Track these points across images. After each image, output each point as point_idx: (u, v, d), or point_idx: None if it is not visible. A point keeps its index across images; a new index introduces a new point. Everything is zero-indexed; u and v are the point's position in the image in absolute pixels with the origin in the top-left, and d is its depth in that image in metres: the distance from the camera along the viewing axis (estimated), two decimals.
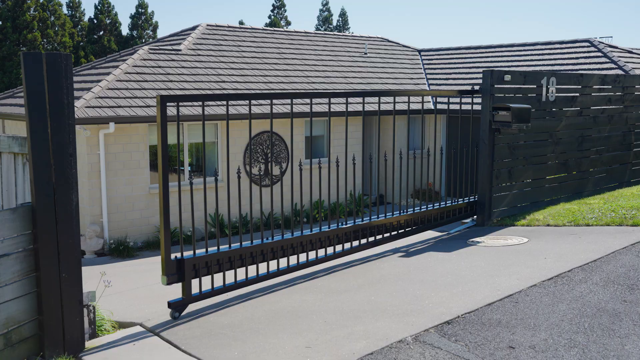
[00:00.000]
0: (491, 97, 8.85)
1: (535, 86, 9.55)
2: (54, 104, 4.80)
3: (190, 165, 15.82)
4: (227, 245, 6.27)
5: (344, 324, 5.10)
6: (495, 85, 8.90)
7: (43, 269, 4.82)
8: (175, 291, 7.44)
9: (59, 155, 4.86)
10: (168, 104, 5.69)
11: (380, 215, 7.78)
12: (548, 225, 8.55)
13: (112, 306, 6.68)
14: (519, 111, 8.56)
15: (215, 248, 6.21)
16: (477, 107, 8.96)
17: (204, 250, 6.19)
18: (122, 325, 5.93)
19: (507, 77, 8.99)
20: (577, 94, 10.32)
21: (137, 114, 13.91)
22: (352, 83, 19.68)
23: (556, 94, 9.85)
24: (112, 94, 14.46)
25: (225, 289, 6.14)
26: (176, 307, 5.80)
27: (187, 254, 6.02)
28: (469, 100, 14.23)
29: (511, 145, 9.28)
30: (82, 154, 13.79)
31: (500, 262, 6.74)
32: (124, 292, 7.78)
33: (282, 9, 56.30)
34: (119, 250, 13.75)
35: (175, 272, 5.82)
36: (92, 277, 8.82)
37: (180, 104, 14.80)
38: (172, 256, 5.85)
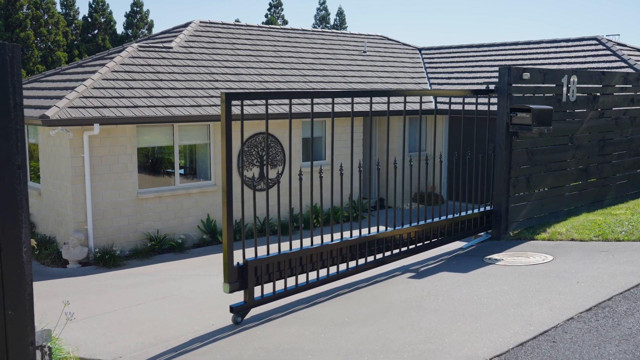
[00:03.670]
0: (508, 97, 8.01)
1: (554, 85, 8.71)
2: None
3: (183, 167, 14.95)
4: (288, 248, 6.14)
5: None
6: (513, 84, 8.06)
7: None
8: (158, 316, 6.60)
9: (4, 168, 4.00)
10: (233, 102, 5.26)
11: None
12: (572, 239, 7.70)
13: (82, 336, 5.84)
14: (540, 113, 7.72)
15: (276, 250, 6.06)
16: (485, 108, 8.11)
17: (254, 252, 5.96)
18: None
19: (526, 75, 8.14)
20: (598, 94, 9.49)
21: (124, 114, 13.05)
22: (351, 82, 18.84)
23: (577, 94, 9.02)
24: (97, 94, 13.59)
25: (287, 292, 5.98)
26: (238, 311, 5.54)
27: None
28: (481, 100, 13.36)
29: (529, 150, 8.43)
30: (65, 157, 12.95)
31: (526, 286, 5.89)
32: (99, 315, 6.92)
33: (279, 8, 55.44)
34: (105, 259, 12.89)
35: (237, 279, 5.57)
36: (69, 294, 7.96)
37: (172, 102, 14.01)
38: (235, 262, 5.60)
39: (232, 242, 5.48)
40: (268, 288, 5.91)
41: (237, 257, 5.92)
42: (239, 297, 5.96)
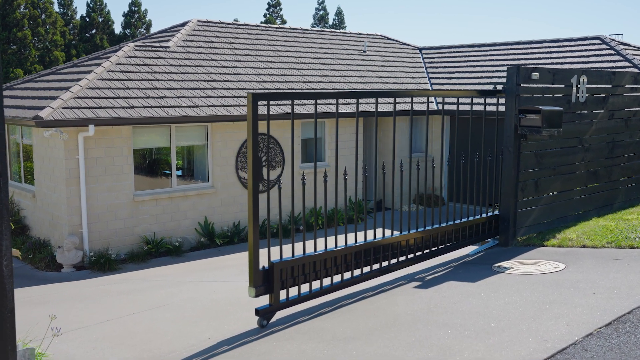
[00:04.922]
0: (517, 97, 7.71)
1: (563, 86, 8.42)
2: None
3: (181, 169, 14.65)
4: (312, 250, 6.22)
5: None
6: (522, 85, 7.76)
7: None
8: (152, 328, 6.31)
9: None
10: (259, 102, 5.30)
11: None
12: (584, 246, 7.40)
13: (71, 350, 5.55)
14: (550, 114, 7.43)
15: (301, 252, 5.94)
16: (492, 108, 7.82)
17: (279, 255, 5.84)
18: None
19: (535, 75, 7.85)
20: (608, 94, 9.20)
21: (120, 115, 12.75)
22: (351, 82, 18.55)
23: (586, 95, 8.73)
24: (92, 94, 13.29)
25: (313, 294, 5.92)
26: (264, 314, 5.43)
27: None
28: (489, 100, 13.08)
29: (538, 152, 8.14)
30: (59, 159, 12.66)
31: (539, 297, 5.60)
32: (90, 326, 6.62)
33: (278, 8, 55.12)
34: (100, 263, 12.60)
35: (262, 283, 5.45)
36: (61, 301, 7.68)
37: (168, 101, 13.70)
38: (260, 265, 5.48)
39: (257, 246, 5.34)
40: (292, 291, 5.77)
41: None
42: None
